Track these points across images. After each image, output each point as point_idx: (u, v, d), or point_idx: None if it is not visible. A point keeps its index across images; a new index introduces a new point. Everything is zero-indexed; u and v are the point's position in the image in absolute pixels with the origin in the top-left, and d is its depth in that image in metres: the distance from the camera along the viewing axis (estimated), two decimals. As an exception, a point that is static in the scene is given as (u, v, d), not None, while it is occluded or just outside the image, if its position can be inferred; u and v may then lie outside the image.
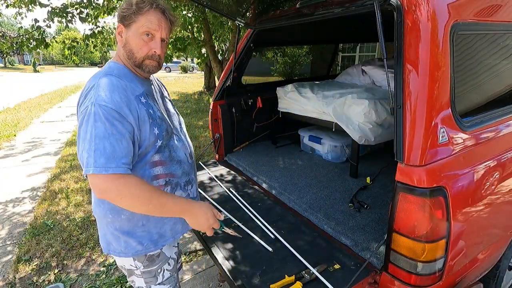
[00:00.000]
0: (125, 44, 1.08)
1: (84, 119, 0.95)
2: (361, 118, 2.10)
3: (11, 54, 33.75)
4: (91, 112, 0.94)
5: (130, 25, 1.05)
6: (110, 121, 0.94)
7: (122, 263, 1.19)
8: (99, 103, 0.94)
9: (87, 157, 0.92)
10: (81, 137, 0.95)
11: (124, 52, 1.09)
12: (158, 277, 1.21)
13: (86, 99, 0.99)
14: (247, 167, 2.44)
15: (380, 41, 1.24)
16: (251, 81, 3.98)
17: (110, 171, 0.91)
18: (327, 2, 1.77)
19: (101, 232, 1.17)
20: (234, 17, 2.22)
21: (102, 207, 1.10)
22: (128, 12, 1.03)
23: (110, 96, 0.96)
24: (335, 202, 1.91)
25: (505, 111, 1.51)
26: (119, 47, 1.10)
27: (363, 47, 9.76)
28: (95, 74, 1.07)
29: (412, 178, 1.12)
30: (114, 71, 1.06)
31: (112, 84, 1.00)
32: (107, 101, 0.95)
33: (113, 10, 5.74)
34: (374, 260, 1.36)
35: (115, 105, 0.96)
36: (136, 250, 1.13)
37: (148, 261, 1.17)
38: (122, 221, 1.10)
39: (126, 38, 1.07)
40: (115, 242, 1.13)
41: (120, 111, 0.96)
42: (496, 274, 1.65)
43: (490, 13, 1.35)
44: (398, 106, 1.16)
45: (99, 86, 0.98)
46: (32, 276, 2.32)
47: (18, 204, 3.44)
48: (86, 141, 0.93)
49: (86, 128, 0.94)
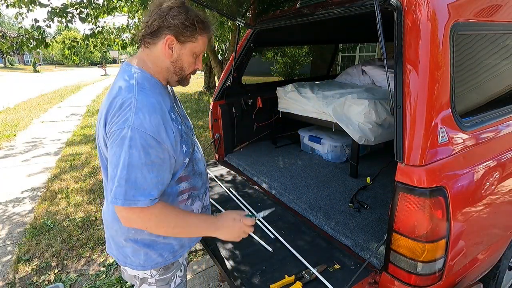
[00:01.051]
0: (177, 60, 1.02)
1: (116, 143, 0.88)
2: (361, 118, 2.10)
3: (11, 54, 33.73)
4: (126, 137, 0.87)
5: (185, 43, 1.00)
6: (146, 150, 0.89)
7: (136, 273, 1.15)
8: (137, 127, 0.87)
9: (116, 186, 0.88)
10: (112, 161, 0.90)
11: (171, 66, 1.03)
12: (171, 284, 1.20)
13: (120, 118, 0.89)
14: (247, 167, 2.44)
15: (380, 41, 1.24)
16: (251, 81, 3.98)
17: (138, 204, 0.89)
18: (327, 2, 1.77)
19: (117, 245, 1.13)
20: (234, 17, 2.22)
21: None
22: (189, 30, 0.98)
23: (148, 119, 0.89)
24: (335, 202, 1.91)
25: (505, 111, 1.51)
26: (162, 59, 1.01)
27: (363, 47, 9.77)
28: (126, 86, 0.95)
29: (412, 178, 1.12)
30: (145, 84, 0.97)
31: (150, 104, 0.92)
32: (145, 126, 0.88)
33: (113, 10, 5.75)
34: (374, 260, 1.36)
35: (153, 130, 0.90)
36: (155, 262, 1.11)
37: (164, 269, 1.16)
38: (145, 235, 1.08)
39: (179, 55, 1.01)
40: (134, 256, 1.10)
41: (157, 137, 0.91)
42: (496, 274, 1.66)
43: (490, 13, 1.35)
44: (398, 106, 1.16)
45: (137, 107, 0.89)
46: (32, 276, 2.32)
47: (18, 204, 3.44)
48: (117, 168, 0.88)
49: (119, 153, 0.88)
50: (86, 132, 6.44)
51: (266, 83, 3.30)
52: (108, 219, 1.12)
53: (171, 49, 0.99)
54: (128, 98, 0.91)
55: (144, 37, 0.99)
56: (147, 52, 1.01)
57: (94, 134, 6.29)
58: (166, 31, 0.96)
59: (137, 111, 0.89)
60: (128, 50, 8.64)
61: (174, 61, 1.02)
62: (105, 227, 1.17)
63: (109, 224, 1.12)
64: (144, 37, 0.99)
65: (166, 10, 0.95)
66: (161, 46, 0.98)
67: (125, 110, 0.89)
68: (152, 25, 0.96)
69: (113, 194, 0.89)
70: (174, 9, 0.95)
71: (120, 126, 0.88)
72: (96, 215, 3.12)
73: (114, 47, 6.80)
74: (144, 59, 1.02)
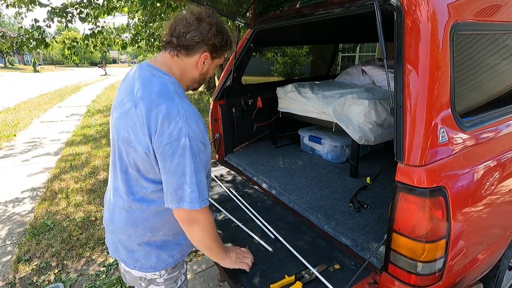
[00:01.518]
0: (205, 73, 1.11)
1: (178, 153, 0.93)
2: (361, 118, 2.10)
3: (11, 54, 33.74)
4: (186, 146, 0.93)
5: (215, 58, 1.09)
6: (200, 155, 0.97)
7: (144, 274, 1.17)
8: (192, 136, 0.94)
9: (190, 192, 0.95)
10: (175, 171, 0.94)
11: (198, 77, 1.11)
12: (177, 281, 1.23)
13: (171, 128, 0.93)
14: (247, 167, 2.44)
15: (380, 41, 1.24)
16: (251, 81, 3.98)
17: (203, 204, 0.98)
18: (327, 2, 1.77)
19: (127, 250, 1.14)
20: (234, 17, 2.22)
21: (141, 227, 1.09)
22: (223, 50, 1.08)
23: (197, 127, 0.97)
24: (335, 202, 1.91)
25: (505, 111, 1.51)
26: (191, 69, 1.08)
27: (363, 47, 9.77)
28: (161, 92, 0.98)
29: (412, 178, 1.12)
30: (179, 91, 1.03)
31: (194, 111, 0.99)
32: (197, 133, 0.96)
33: (113, 10, 5.74)
34: (374, 260, 1.36)
35: (201, 136, 0.98)
36: (166, 263, 1.15)
37: (172, 268, 1.19)
38: (158, 237, 1.12)
39: (208, 68, 1.10)
40: (145, 259, 1.12)
41: (204, 142, 0.99)
42: (496, 274, 1.66)
43: (490, 13, 1.35)
44: (398, 106, 1.16)
45: (185, 115, 0.95)
46: (32, 276, 2.32)
47: (18, 204, 3.44)
48: (184, 176, 0.94)
49: (183, 163, 0.94)
50: (86, 132, 6.44)
51: (266, 83, 3.30)
52: (120, 225, 1.12)
53: (203, 63, 1.07)
54: (174, 107, 0.95)
55: (176, 46, 1.03)
56: (177, 61, 1.05)
57: (94, 134, 6.29)
58: (204, 48, 1.03)
59: (187, 119, 0.95)
60: (128, 50, 8.64)
61: (202, 73, 1.11)
62: (111, 232, 1.17)
63: (120, 230, 1.12)
64: (178, 48, 1.03)
65: (207, 28, 1.01)
66: (195, 59, 1.05)
67: (176, 119, 0.93)
68: (191, 40, 1.01)
69: (189, 199, 0.95)
70: (214, 29, 1.02)
71: (176, 136, 0.93)
72: (96, 215, 3.12)
73: (114, 47, 6.79)
74: (172, 66, 1.06)
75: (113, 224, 1.14)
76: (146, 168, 1.02)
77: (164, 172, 0.97)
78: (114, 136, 1.09)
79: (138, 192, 1.06)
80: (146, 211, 1.07)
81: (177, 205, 0.97)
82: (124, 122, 1.02)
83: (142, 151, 0.98)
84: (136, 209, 1.07)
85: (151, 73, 1.03)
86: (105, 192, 1.27)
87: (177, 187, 0.96)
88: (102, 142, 5.74)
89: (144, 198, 1.06)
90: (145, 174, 1.03)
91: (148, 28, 6.65)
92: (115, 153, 1.10)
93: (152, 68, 1.04)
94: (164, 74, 1.03)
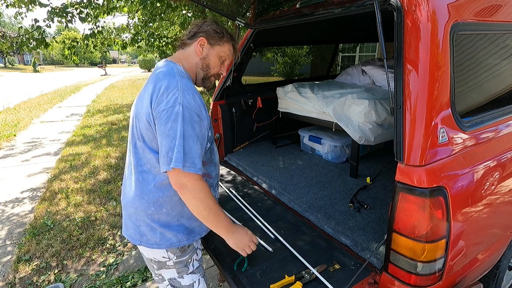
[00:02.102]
0: (205, 57, 1.25)
1: (171, 118, 1.03)
2: (361, 118, 2.10)
3: (11, 54, 33.74)
4: (179, 112, 1.03)
5: (214, 45, 1.25)
6: (192, 124, 1.05)
7: (153, 255, 1.23)
8: (186, 105, 1.05)
9: (176, 152, 1.01)
10: (169, 134, 1.03)
11: (200, 62, 1.25)
12: (189, 266, 1.28)
13: (169, 97, 1.05)
14: (247, 167, 2.44)
15: (380, 41, 1.24)
16: (251, 81, 3.98)
17: (191, 170, 1.03)
18: (327, 2, 1.77)
19: (134, 224, 1.21)
20: (234, 17, 2.21)
21: (145, 199, 1.16)
22: (219, 36, 1.24)
23: (192, 99, 1.08)
24: (335, 202, 1.91)
25: (505, 111, 1.51)
26: (193, 56, 1.25)
27: (363, 47, 9.78)
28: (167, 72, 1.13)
29: (412, 178, 1.12)
30: (183, 74, 1.17)
31: (192, 87, 1.12)
32: (192, 104, 1.07)
33: (113, 10, 5.74)
34: (374, 260, 1.36)
35: (196, 108, 1.08)
36: (170, 242, 1.20)
37: (180, 251, 1.24)
38: (162, 214, 1.18)
39: (208, 53, 1.25)
40: (150, 233, 1.19)
41: (200, 115, 1.09)
42: (496, 274, 1.66)
43: (490, 13, 1.35)
44: (398, 106, 1.16)
45: (182, 88, 1.07)
46: (32, 276, 2.32)
47: (18, 204, 3.44)
48: (175, 139, 1.02)
49: (175, 127, 1.02)
50: (86, 132, 6.44)
51: (266, 83, 3.29)
52: (129, 197, 1.20)
53: (201, 48, 1.23)
54: (174, 81, 1.09)
55: (182, 41, 1.25)
56: (182, 52, 1.25)
57: (93, 134, 6.29)
58: (200, 34, 1.23)
59: (183, 91, 1.07)
60: (128, 50, 8.63)
61: (203, 58, 1.25)
62: (124, 207, 1.25)
63: (129, 202, 1.20)
64: (183, 41, 1.25)
65: (202, 22, 1.25)
66: (194, 45, 1.23)
67: (173, 91, 1.06)
68: (190, 32, 1.24)
69: (174, 159, 1.01)
70: (208, 21, 1.25)
71: (171, 104, 1.04)
72: (96, 215, 3.12)
73: (114, 47, 6.78)
74: (180, 57, 1.24)
75: (125, 197, 1.24)
76: (149, 137, 1.11)
77: (159, 136, 1.06)
78: (132, 117, 1.21)
79: (145, 163, 1.16)
80: (150, 183, 1.15)
81: (167, 167, 1.03)
82: (136, 102, 1.19)
83: (145, 120, 1.09)
84: (143, 180, 1.16)
85: (164, 63, 1.21)
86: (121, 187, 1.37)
87: (168, 149, 1.03)
88: (102, 142, 5.74)
89: (151, 170, 1.15)
90: (148, 144, 1.13)
91: (148, 28, 6.64)
92: (130, 132, 1.21)
93: (167, 61, 1.23)
94: (173, 63, 1.20)
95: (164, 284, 1.29)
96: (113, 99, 11.38)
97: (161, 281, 1.30)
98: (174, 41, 6.41)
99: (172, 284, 1.28)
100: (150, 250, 1.22)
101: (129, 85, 17.14)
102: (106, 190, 3.67)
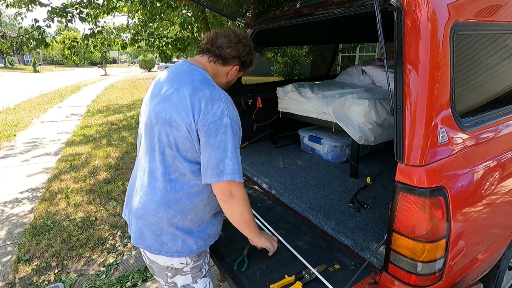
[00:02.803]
0: (230, 81, 1.32)
1: (221, 130, 1.06)
2: (361, 118, 2.10)
3: (11, 54, 33.75)
4: (228, 125, 1.07)
5: (241, 71, 1.31)
6: (238, 135, 1.11)
7: (171, 262, 1.22)
8: (232, 117, 1.09)
9: (232, 165, 1.06)
10: (218, 146, 1.06)
11: (224, 83, 1.30)
12: (202, 270, 1.30)
13: (214, 109, 1.07)
14: (247, 167, 2.44)
15: (380, 41, 1.24)
16: (251, 81, 3.97)
17: (241, 178, 1.10)
18: (327, 2, 1.77)
19: (154, 234, 1.18)
20: (234, 17, 2.21)
21: (173, 208, 1.16)
22: (249, 66, 1.32)
23: (235, 111, 1.13)
24: (335, 202, 1.91)
25: (505, 111, 1.51)
26: (223, 75, 1.28)
27: (363, 47, 9.77)
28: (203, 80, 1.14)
29: (412, 178, 1.11)
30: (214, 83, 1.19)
31: (231, 99, 1.15)
32: (236, 116, 1.12)
33: (113, 10, 5.74)
34: (374, 260, 1.36)
35: (238, 120, 1.14)
36: (191, 249, 1.21)
37: (197, 256, 1.26)
38: (186, 221, 1.19)
39: (234, 78, 1.32)
40: (172, 242, 1.18)
41: (239, 125, 1.14)
42: (496, 274, 1.65)
43: (490, 13, 1.35)
44: (398, 106, 1.16)
45: (226, 100, 1.11)
46: (32, 276, 2.32)
47: (17, 204, 3.44)
48: (226, 151, 1.06)
49: (226, 139, 1.06)
50: (86, 132, 6.44)
51: (266, 83, 3.30)
52: (152, 206, 1.17)
53: (232, 73, 1.28)
54: (215, 92, 1.11)
55: (216, 55, 1.22)
56: (213, 66, 1.24)
57: (93, 134, 6.29)
58: (237, 62, 1.26)
59: (227, 103, 1.10)
60: (128, 50, 8.63)
61: (228, 81, 1.31)
62: (139, 217, 1.20)
63: (152, 211, 1.17)
64: (217, 57, 1.22)
65: (243, 48, 1.24)
66: (228, 69, 1.26)
67: (218, 102, 1.08)
68: (229, 54, 1.22)
69: (231, 171, 1.06)
70: (247, 49, 1.26)
71: (219, 116, 1.07)
72: (96, 215, 3.12)
73: (114, 47, 6.78)
74: (207, 67, 1.23)
75: (145, 206, 1.18)
76: (185, 146, 1.11)
77: (207, 148, 1.07)
78: (151, 120, 1.16)
79: (173, 172, 1.15)
80: (179, 192, 1.15)
81: (217, 179, 1.06)
82: (165, 105, 1.12)
83: (184, 129, 1.08)
84: (171, 189, 1.15)
85: (190, 68, 1.19)
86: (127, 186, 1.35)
87: (219, 161, 1.06)
88: (102, 142, 5.74)
89: (179, 179, 1.15)
90: (183, 153, 1.12)
91: (148, 28, 6.64)
92: (153, 137, 1.16)
93: (191, 64, 1.21)
94: (203, 70, 1.20)
95: None
96: (113, 99, 11.38)
97: None
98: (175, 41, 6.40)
99: None
100: (168, 258, 1.20)
101: (129, 85, 17.15)
102: (106, 190, 3.67)
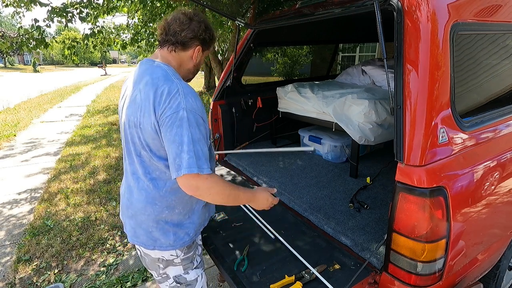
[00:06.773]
0: (197, 64, 1.27)
1: (176, 124, 1.03)
2: (361, 118, 2.10)
3: (11, 54, 33.73)
4: (184, 117, 1.03)
5: (205, 51, 1.26)
6: (198, 127, 1.06)
7: (161, 254, 1.24)
8: (189, 109, 1.05)
9: (188, 158, 1.02)
10: (175, 140, 1.03)
11: (192, 68, 1.27)
12: (193, 262, 1.32)
13: (172, 102, 1.05)
14: (247, 167, 2.44)
15: (380, 41, 1.24)
16: (251, 81, 3.97)
17: (205, 171, 1.05)
18: (327, 2, 1.77)
19: (145, 231, 1.21)
20: (234, 17, 2.21)
21: (159, 205, 1.18)
22: (211, 43, 1.26)
23: (195, 103, 1.08)
24: (335, 202, 1.91)
25: (505, 111, 1.51)
26: (187, 61, 1.23)
27: (363, 47, 9.77)
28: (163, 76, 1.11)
29: (412, 178, 1.12)
30: (177, 75, 1.16)
31: (191, 90, 1.11)
32: (195, 107, 1.07)
33: (113, 10, 5.74)
34: (374, 260, 1.36)
35: (199, 111, 1.09)
36: (183, 241, 1.23)
37: (187, 248, 1.27)
38: (175, 215, 1.20)
39: (199, 60, 1.26)
40: (163, 237, 1.20)
41: (203, 117, 1.10)
42: (496, 274, 1.66)
43: (490, 13, 1.35)
44: (398, 106, 1.16)
45: (183, 92, 1.07)
46: (32, 276, 2.32)
47: (17, 204, 3.44)
48: (183, 144, 1.03)
49: (181, 132, 1.03)
50: (86, 133, 6.44)
51: (266, 83, 3.29)
52: (139, 206, 1.19)
53: (197, 55, 1.23)
54: (173, 86, 1.07)
55: (174, 43, 1.18)
56: (175, 55, 1.20)
57: (93, 135, 6.29)
58: (196, 42, 1.20)
59: (185, 95, 1.06)
60: (128, 50, 8.64)
61: (196, 64, 1.27)
62: (131, 216, 1.24)
63: (140, 210, 1.20)
64: (174, 44, 1.18)
65: (197, 26, 1.18)
66: (190, 53, 1.22)
67: (175, 96, 1.05)
68: (185, 37, 1.17)
69: (187, 164, 1.02)
70: (203, 26, 1.19)
71: (175, 109, 1.04)
72: (96, 215, 3.12)
73: (114, 47, 6.78)
74: (170, 59, 1.20)
75: (133, 206, 1.22)
76: (156, 146, 1.11)
77: (166, 143, 1.06)
78: (125, 125, 1.18)
79: (153, 171, 1.16)
80: (162, 189, 1.16)
81: (176, 174, 1.03)
82: (132, 109, 1.13)
83: (150, 129, 1.08)
84: (154, 187, 1.16)
85: (151, 65, 1.17)
86: (120, 187, 1.38)
87: (176, 156, 1.03)
88: (102, 142, 5.74)
89: (161, 177, 1.16)
90: (156, 153, 1.12)
91: (148, 28, 6.64)
92: (128, 141, 1.18)
93: (151, 61, 1.18)
94: (163, 65, 1.17)
95: (168, 282, 1.30)
96: (113, 99, 11.38)
97: (165, 280, 1.30)
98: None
99: (177, 281, 1.29)
100: (159, 251, 1.23)
101: (129, 85, 17.09)
102: (105, 190, 3.67)
